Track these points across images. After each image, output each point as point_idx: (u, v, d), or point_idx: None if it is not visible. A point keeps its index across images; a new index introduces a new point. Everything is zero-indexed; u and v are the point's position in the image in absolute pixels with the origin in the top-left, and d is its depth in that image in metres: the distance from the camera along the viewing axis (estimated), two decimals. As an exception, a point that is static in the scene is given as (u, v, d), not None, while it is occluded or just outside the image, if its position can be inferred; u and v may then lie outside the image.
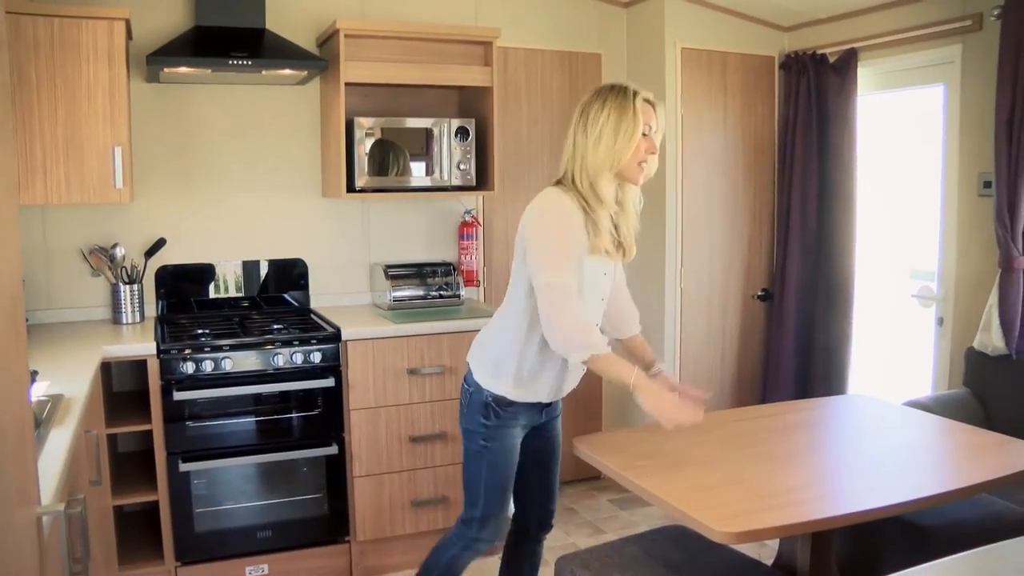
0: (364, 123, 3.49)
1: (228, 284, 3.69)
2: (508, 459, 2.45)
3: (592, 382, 4.32)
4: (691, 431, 2.60)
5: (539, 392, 2.41)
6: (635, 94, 2.25)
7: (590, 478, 4.32)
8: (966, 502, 2.57)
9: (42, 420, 1.98)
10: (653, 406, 2.17)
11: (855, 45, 3.81)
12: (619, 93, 2.25)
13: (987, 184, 3.31)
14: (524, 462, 2.52)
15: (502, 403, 2.39)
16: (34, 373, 2.30)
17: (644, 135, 2.25)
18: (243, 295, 3.71)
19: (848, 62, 3.83)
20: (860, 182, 3.91)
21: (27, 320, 3.32)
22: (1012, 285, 3.15)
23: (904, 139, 3.95)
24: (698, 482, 2.17)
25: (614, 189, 2.31)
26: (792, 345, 4.18)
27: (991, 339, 3.22)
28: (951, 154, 3.50)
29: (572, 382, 2.47)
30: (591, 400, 4.35)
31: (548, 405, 2.50)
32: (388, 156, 3.56)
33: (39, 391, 2.26)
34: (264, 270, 3.74)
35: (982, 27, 3.31)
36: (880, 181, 4.03)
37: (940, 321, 3.61)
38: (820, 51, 3.99)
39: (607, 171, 2.25)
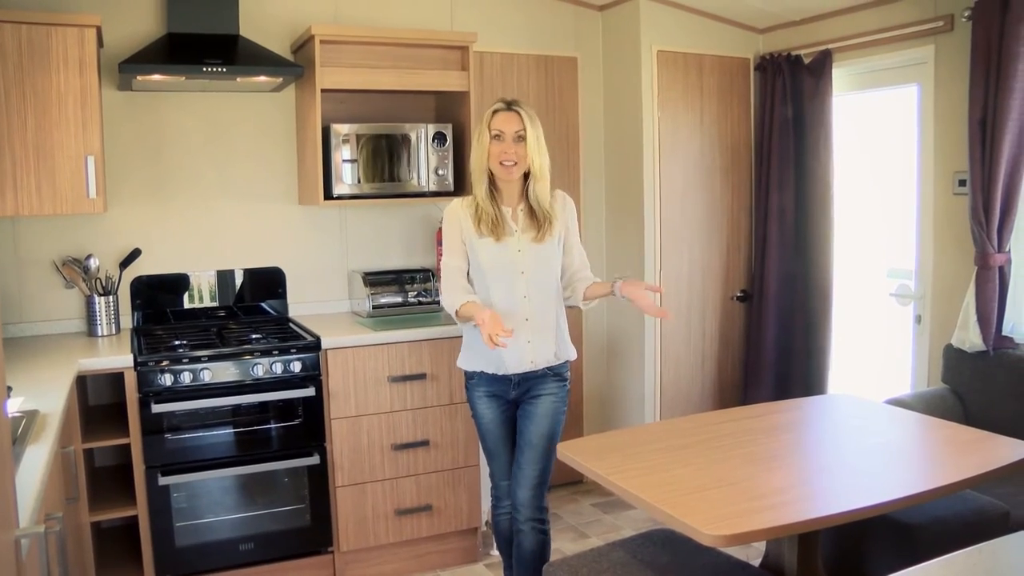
0: (340, 130, 3.45)
1: (204, 294, 3.64)
2: (482, 424, 2.87)
3: (573, 385, 4.31)
4: (675, 433, 2.61)
5: (481, 361, 2.79)
6: (495, 108, 2.73)
7: (572, 482, 4.31)
8: (949, 498, 2.59)
9: (17, 437, 1.94)
10: (478, 322, 2.59)
11: (829, 46, 3.84)
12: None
13: (962, 183, 3.34)
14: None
15: (466, 374, 2.88)
16: (8, 389, 2.25)
17: (497, 138, 2.70)
18: (221, 305, 3.66)
19: (823, 63, 3.86)
20: (837, 182, 3.93)
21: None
22: (988, 282, 3.18)
23: (879, 139, 3.98)
24: (685, 485, 2.17)
25: (484, 186, 2.76)
26: (772, 345, 4.20)
27: (968, 336, 3.25)
28: (926, 153, 3.53)
29: (512, 356, 2.73)
30: (572, 405, 4.32)
31: (517, 384, 2.78)
32: (366, 162, 3.53)
33: (13, 407, 2.21)
34: (241, 279, 3.70)
35: (954, 28, 3.34)
36: (857, 181, 4.06)
37: (918, 319, 3.64)
38: (795, 52, 4.01)
39: (478, 172, 2.76)
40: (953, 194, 3.41)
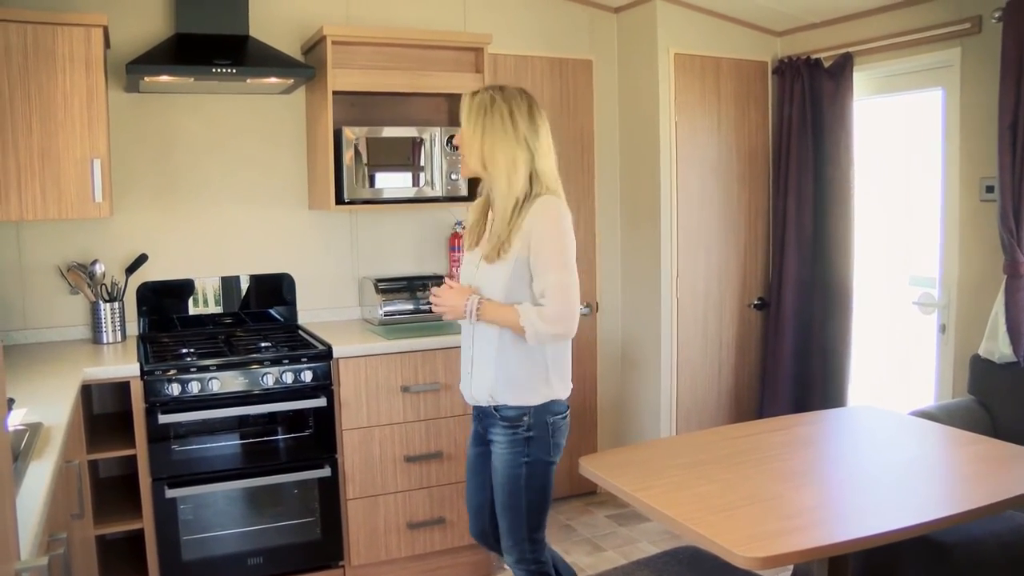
0: (352, 133, 3.38)
1: (209, 300, 3.56)
2: (466, 458, 2.62)
3: (587, 395, 4.23)
4: (696, 447, 2.53)
5: (463, 382, 2.53)
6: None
7: (586, 493, 4.23)
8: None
9: (20, 452, 1.86)
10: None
11: (850, 49, 3.76)
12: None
13: (989, 189, 3.25)
14: None
15: None
16: (10, 401, 2.18)
17: None
18: (229, 311, 3.58)
19: (843, 67, 3.78)
20: (858, 188, 3.85)
21: (2, 341, 3.18)
22: (1019, 291, 3.09)
23: (903, 144, 3.89)
24: (712, 502, 2.09)
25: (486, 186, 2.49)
26: (790, 354, 4.11)
27: (997, 346, 3.16)
28: (951, 159, 3.44)
29: (463, 383, 2.51)
30: (585, 415, 4.26)
31: (478, 418, 2.51)
32: (377, 166, 3.45)
33: (16, 420, 2.13)
34: (250, 285, 3.62)
35: (981, 30, 3.26)
36: (878, 187, 3.97)
37: (942, 328, 3.55)
38: (814, 56, 3.93)
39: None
40: (980, 200, 3.32)
